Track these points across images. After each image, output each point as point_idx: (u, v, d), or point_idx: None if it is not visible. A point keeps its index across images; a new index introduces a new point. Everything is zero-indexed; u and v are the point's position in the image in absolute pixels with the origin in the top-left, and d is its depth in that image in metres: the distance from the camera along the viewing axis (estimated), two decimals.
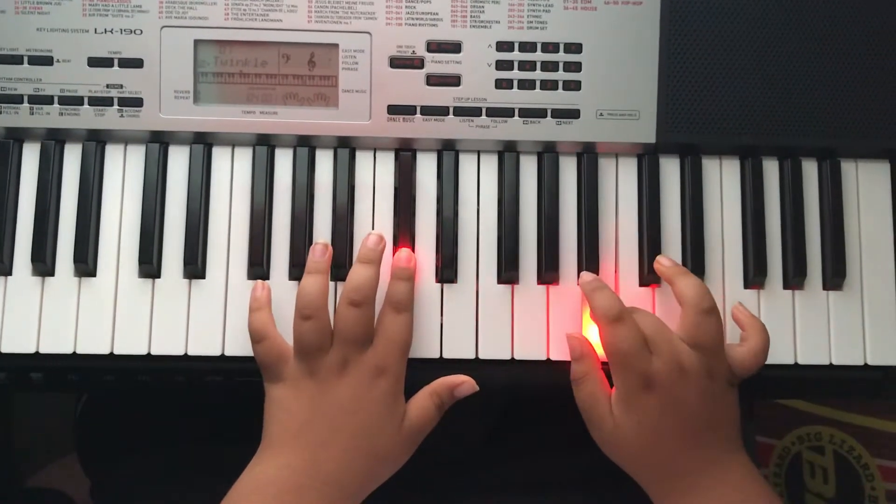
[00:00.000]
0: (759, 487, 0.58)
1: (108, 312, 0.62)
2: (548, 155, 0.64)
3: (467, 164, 0.65)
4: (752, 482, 0.58)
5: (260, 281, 0.62)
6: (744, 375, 0.60)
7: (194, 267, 0.62)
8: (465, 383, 0.60)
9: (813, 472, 0.94)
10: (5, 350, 0.61)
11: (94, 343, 0.61)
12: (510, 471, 0.71)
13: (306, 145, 0.64)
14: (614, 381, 0.59)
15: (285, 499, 0.56)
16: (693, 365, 0.58)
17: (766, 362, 0.63)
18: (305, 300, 0.58)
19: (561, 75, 0.64)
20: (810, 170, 0.66)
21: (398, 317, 0.59)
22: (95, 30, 0.62)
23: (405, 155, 0.64)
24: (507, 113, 0.64)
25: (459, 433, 0.73)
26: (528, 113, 0.64)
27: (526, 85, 0.64)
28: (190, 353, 0.62)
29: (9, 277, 0.62)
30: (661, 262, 0.62)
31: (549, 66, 0.64)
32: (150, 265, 0.62)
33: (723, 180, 0.65)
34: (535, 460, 0.71)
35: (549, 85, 0.64)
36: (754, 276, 0.64)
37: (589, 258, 0.63)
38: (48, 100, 0.62)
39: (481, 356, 0.63)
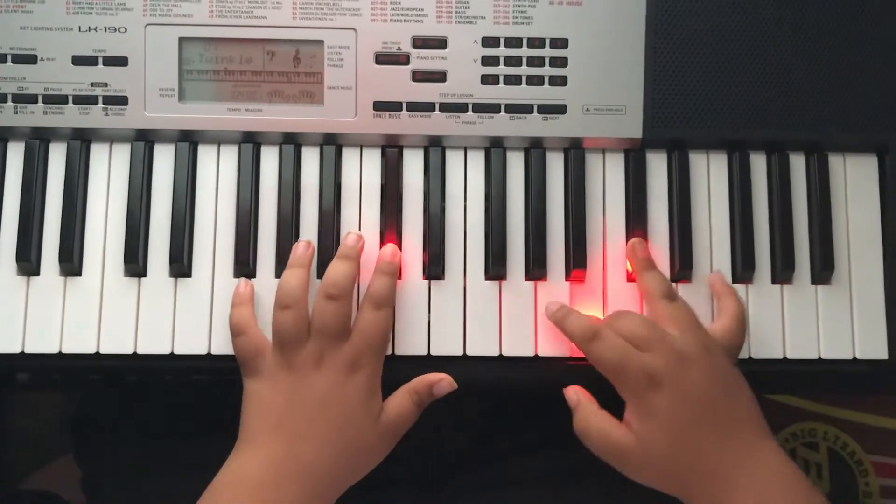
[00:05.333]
0: (795, 475, 0.57)
1: (94, 311, 0.62)
2: (534, 151, 0.64)
3: (454, 160, 0.65)
4: (787, 469, 0.57)
5: (243, 278, 0.62)
6: (735, 344, 0.60)
7: (180, 265, 0.62)
8: (443, 380, 0.60)
9: (807, 468, 0.94)
10: None
11: (79, 342, 0.61)
12: (500, 467, 0.71)
13: (292, 143, 0.64)
14: (621, 394, 0.58)
15: (264, 490, 0.56)
16: (688, 346, 0.58)
17: (756, 357, 0.63)
18: (285, 290, 0.59)
19: (547, 70, 0.64)
20: (798, 164, 0.66)
21: (377, 313, 0.59)
22: (79, 28, 0.62)
23: (391, 152, 0.64)
24: (493, 109, 0.63)
25: (449, 431, 0.73)
26: (515, 109, 0.63)
27: (512, 80, 0.63)
28: (176, 351, 0.61)
29: None
30: (637, 251, 0.62)
31: (535, 62, 0.63)
32: (135, 264, 0.62)
33: (710, 175, 0.65)
34: (525, 456, 0.71)
35: (535, 80, 0.63)
36: (742, 270, 0.64)
37: (576, 254, 0.63)
38: (32, 98, 0.62)
39: (469, 353, 0.62)
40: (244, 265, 0.62)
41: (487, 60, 0.63)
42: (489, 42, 0.63)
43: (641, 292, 0.62)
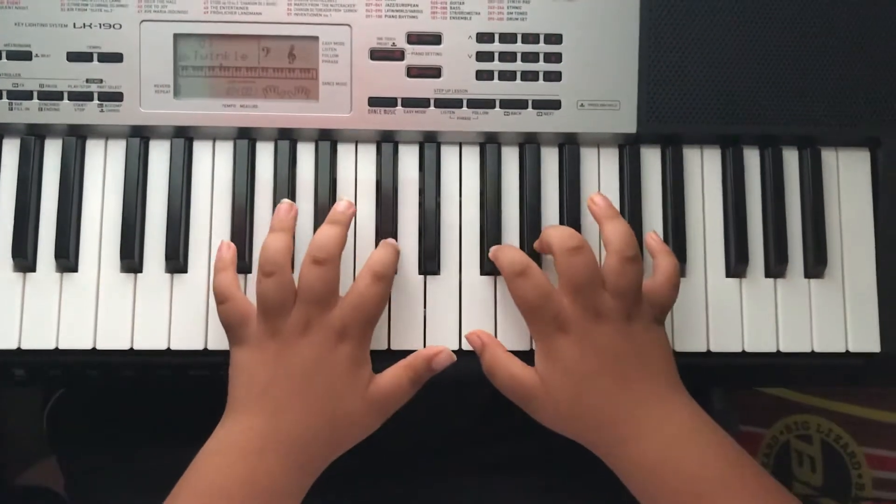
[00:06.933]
0: (705, 424, 0.58)
1: (90, 307, 0.62)
2: (529, 146, 0.64)
3: (449, 156, 0.65)
4: (698, 419, 0.58)
5: (225, 241, 0.62)
6: (665, 305, 0.60)
7: (176, 261, 0.62)
8: (441, 353, 0.59)
9: (801, 460, 0.95)
10: None
11: (76, 338, 0.61)
12: (497, 451, 0.71)
13: (287, 138, 0.64)
14: (531, 333, 0.60)
15: (248, 460, 0.55)
16: (610, 310, 0.58)
17: (749, 350, 0.63)
18: (267, 256, 0.58)
19: (541, 66, 0.64)
20: (791, 158, 0.66)
21: (372, 285, 0.58)
22: (74, 24, 0.62)
23: (387, 147, 0.64)
24: (488, 104, 0.64)
25: (447, 421, 0.73)
26: (509, 104, 0.64)
27: (507, 76, 0.64)
28: (173, 347, 0.62)
29: None
30: (596, 202, 0.61)
31: (530, 57, 0.64)
32: (131, 260, 0.62)
33: (704, 170, 0.66)
34: (522, 441, 0.71)
35: (529, 76, 0.64)
36: (736, 264, 0.64)
37: None
38: (27, 95, 0.62)
39: (465, 347, 0.62)
40: (240, 260, 0.62)
41: (482, 56, 0.64)
42: (484, 38, 0.64)
43: (604, 240, 0.60)
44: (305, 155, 0.64)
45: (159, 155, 0.64)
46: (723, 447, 0.57)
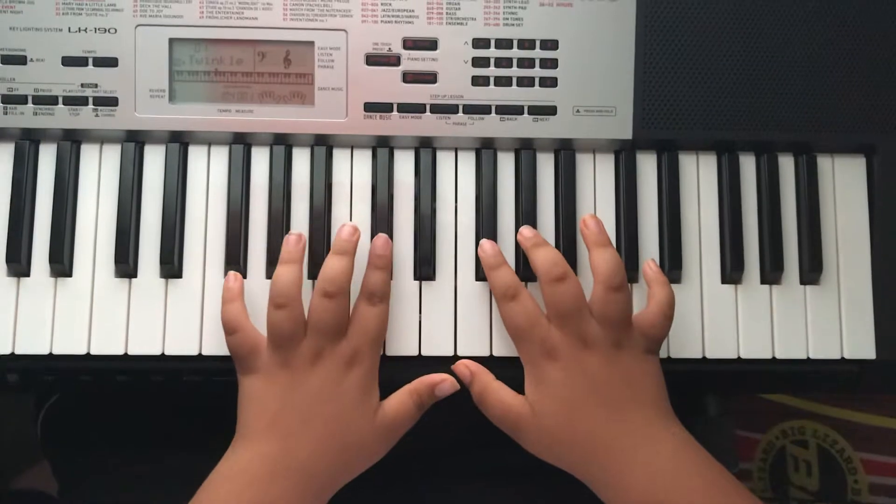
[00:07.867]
0: (695, 455, 0.58)
1: (85, 312, 0.62)
2: (525, 152, 0.64)
3: (445, 161, 0.65)
4: (688, 450, 0.58)
5: (232, 272, 0.62)
6: (657, 336, 0.60)
7: (171, 266, 0.62)
8: (445, 381, 0.60)
9: (797, 465, 0.95)
10: None
11: (70, 343, 0.61)
12: (493, 458, 0.71)
13: (283, 143, 0.64)
14: (522, 360, 0.60)
15: (257, 486, 0.56)
16: (597, 337, 0.58)
17: (745, 357, 0.63)
18: (279, 289, 0.58)
19: (537, 72, 0.64)
20: (787, 165, 0.66)
21: (373, 308, 0.60)
22: (69, 29, 0.62)
23: (382, 152, 0.64)
24: (483, 110, 0.63)
25: (441, 430, 0.73)
26: (505, 110, 0.64)
27: (502, 82, 0.64)
28: (167, 352, 0.61)
29: None
30: (588, 226, 0.61)
31: (526, 63, 0.64)
32: (126, 265, 0.62)
33: (700, 176, 0.66)
34: (519, 448, 0.71)
35: (525, 82, 0.64)
36: (732, 271, 0.64)
37: (566, 255, 0.63)
38: (22, 99, 0.62)
39: (460, 353, 0.62)
40: (235, 266, 0.62)
41: (478, 62, 0.63)
42: (480, 43, 0.63)
43: (592, 268, 0.61)
44: (301, 160, 0.64)
45: (154, 159, 0.63)
46: (714, 480, 0.57)
